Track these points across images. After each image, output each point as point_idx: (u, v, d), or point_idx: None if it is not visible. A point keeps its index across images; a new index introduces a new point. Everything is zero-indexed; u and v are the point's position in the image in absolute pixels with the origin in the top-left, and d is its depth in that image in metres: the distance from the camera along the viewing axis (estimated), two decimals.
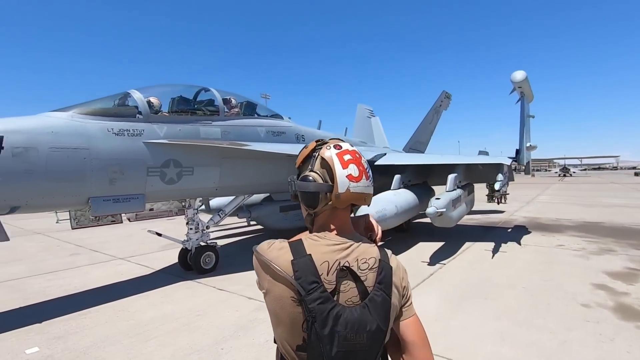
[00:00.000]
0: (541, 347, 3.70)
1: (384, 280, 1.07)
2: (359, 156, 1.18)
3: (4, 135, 4.30)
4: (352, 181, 1.14)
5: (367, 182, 1.18)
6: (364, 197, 1.18)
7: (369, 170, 1.21)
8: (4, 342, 4.14)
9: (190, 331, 4.30)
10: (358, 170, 1.15)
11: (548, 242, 8.78)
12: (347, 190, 1.13)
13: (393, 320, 1.11)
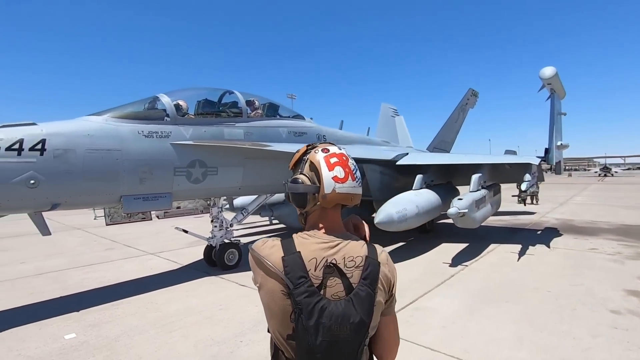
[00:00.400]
0: (562, 353, 3.60)
1: (369, 277, 1.14)
2: (345, 159, 1.25)
3: (46, 138, 4.69)
4: (337, 182, 1.21)
5: (354, 182, 1.24)
6: (351, 197, 1.25)
7: (357, 171, 1.27)
8: (47, 328, 4.53)
9: (212, 324, 4.51)
10: (344, 172, 1.22)
11: (580, 246, 8.40)
12: (333, 190, 1.21)
13: (379, 314, 1.17)
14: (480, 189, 8.25)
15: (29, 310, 5.21)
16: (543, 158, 8.90)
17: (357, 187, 1.26)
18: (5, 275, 7.17)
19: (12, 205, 4.58)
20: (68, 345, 4.04)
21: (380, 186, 9.22)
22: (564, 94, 9.79)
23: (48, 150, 4.68)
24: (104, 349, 3.92)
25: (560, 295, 5.23)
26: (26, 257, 8.90)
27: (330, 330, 1.05)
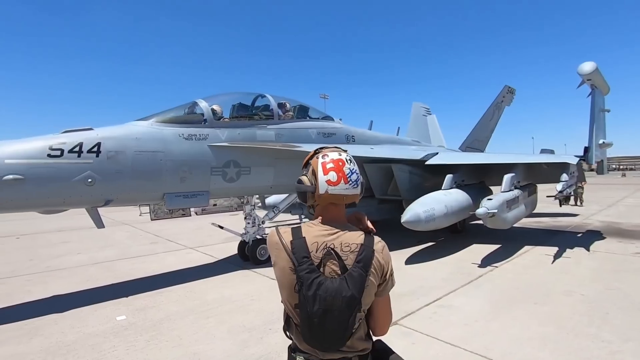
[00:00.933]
0: (587, 355, 3.56)
1: (362, 260, 1.35)
2: (342, 164, 1.45)
3: (101, 142, 5.28)
4: (330, 185, 1.42)
5: (346, 185, 1.44)
6: (343, 197, 1.46)
7: (352, 174, 1.46)
8: (102, 310, 5.11)
9: (244, 312, 4.86)
10: (337, 176, 1.43)
11: (623, 249, 7.96)
12: (326, 192, 1.43)
13: (372, 294, 1.38)
14: (513, 189, 8.06)
15: (86, 294, 5.86)
16: (582, 157, 8.50)
17: (350, 189, 1.45)
18: (65, 265, 8.02)
19: (74, 201, 5.21)
20: (119, 326, 4.56)
21: (410, 186, 9.24)
22: (607, 90, 9.28)
23: (103, 152, 5.26)
24: (149, 330, 4.38)
25: (594, 298, 5.08)
26: (82, 248, 9.85)
27: (325, 300, 1.28)
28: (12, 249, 10.02)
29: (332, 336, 1.32)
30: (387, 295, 1.48)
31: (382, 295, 1.45)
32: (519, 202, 8.05)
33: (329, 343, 1.34)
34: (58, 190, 4.95)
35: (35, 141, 4.87)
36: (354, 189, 1.47)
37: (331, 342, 1.34)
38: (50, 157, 4.86)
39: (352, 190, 1.47)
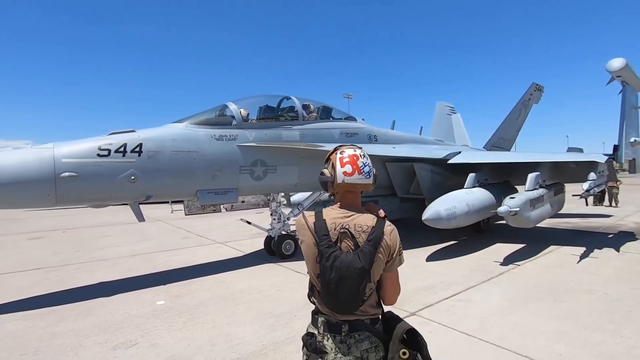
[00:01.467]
0: (603, 348, 3.63)
1: (372, 239, 1.62)
2: (356, 158, 1.72)
3: (142, 142, 5.80)
4: (346, 176, 1.71)
5: (360, 176, 1.72)
6: (357, 186, 1.73)
7: (365, 167, 1.73)
8: (143, 295, 5.61)
9: (271, 301, 5.22)
10: (352, 168, 1.71)
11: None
12: (343, 181, 1.72)
13: (381, 268, 1.65)
14: (538, 187, 7.99)
15: (128, 282, 6.42)
16: (612, 156, 8.28)
17: (363, 178, 1.73)
18: (108, 256, 8.71)
19: (119, 196, 5.77)
20: (159, 309, 5.02)
21: (432, 185, 9.33)
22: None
23: (144, 152, 5.78)
24: (186, 314, 4.81)
25: (617, 297, 5.06)
26: (121, 242, 10.61)
27: (340, 270, 1.56)
28: (60, 242, 10.92)
29: (345, 301, 1.60)
30: (395, 271, 1.74)
31: (390, 270, 1.71)
32: (543, 201, 7.97)
33: (344, 306, 1.61)
34: (106, 186, 5.51)
35: (86, 142, 5.45)
36: (367, 179, 1.75)
37: (345, 306, 1.61)
38: (99, 156, 5.42)
39: (365, 180, 1.74)
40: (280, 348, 3.78)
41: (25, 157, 4.95)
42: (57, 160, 5.08)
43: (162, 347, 3.89)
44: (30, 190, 4.92)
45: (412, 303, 4.94)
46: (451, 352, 3.64)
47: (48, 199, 5.12)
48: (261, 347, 3.81)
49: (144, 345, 3.93)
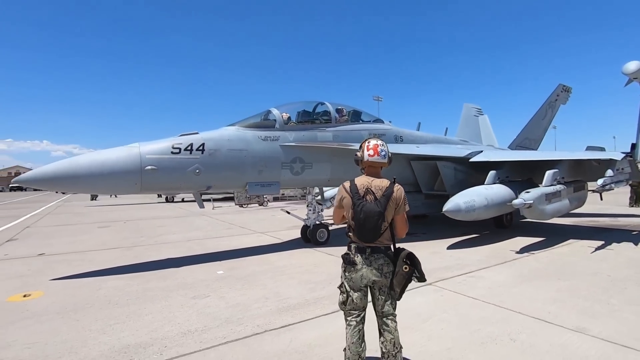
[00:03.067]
0: (587, 311, 4.33)
1: (385, 195, 2.59)
2: (376, 146, 2.71)
3: (205, 142, 7.06)
4: (369, 157, 2.71)
5: (378, 157, 2.71)
6: (378, 163, 2.73)
7: (382, 152, 2.71)
8: (205, 267, 6.84)
9: (310, 273, 6.26)
10: (373, 152, 2.71)
11: None
12: (367, 160, 2.73)
13: (393, 212, 2.63)
14: (556, 184, 8.52)
15: (190, 258, 7.69)
16: (629, 154, 8.64)
17: (380, 159, 2.72)
18: (168, 240, 10.14)
19: (186, 186, 7.06)
20: (220, 276, 6.21)
21: (455, 182, 10.03)
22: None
23: (206, 150, 7.03)
24: (241, 280, 5.95)
25: (619, 279, 5.64)
26: (175, 231, 12.10)
27: (365, 212, 2.55)
28: (125, 230, 12.61)
29: (369, 233, 2.59)
30: (402, 214, 2.70)
31: (399, 213, 2.69)
32: (561, 197, 8.48)
33: (368, 237, 2.60)
34: (178, 178, 6.80)
35: (163, 142, 6.76)
36: (383, 159, 2.74)
37: (369, 237, 2.60)
38: (173, 153, 6.72)
39: (382, 160, 2.74)
40: (319, 302, 4.79)
41: (120, 154, 6.31)
42: (143, 156, 6.42)
43: (228, 299, 5.02)
44: (124, 179, 6.28)
45: (429, 277, 5.68)
46: (456, 309, 4.49)
47: (135, 186, 6.47)
48: (304, 301, 4.84)
49: (215, 297, 5.08)
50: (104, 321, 4.28)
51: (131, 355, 3.42)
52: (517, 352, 3.36)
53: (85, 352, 3.51)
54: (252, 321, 4.18)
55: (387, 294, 2.69)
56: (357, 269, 2.65)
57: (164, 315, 4.44)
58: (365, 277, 2.64)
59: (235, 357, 3.37)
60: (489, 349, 3.43)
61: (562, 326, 3.90)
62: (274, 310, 4.52)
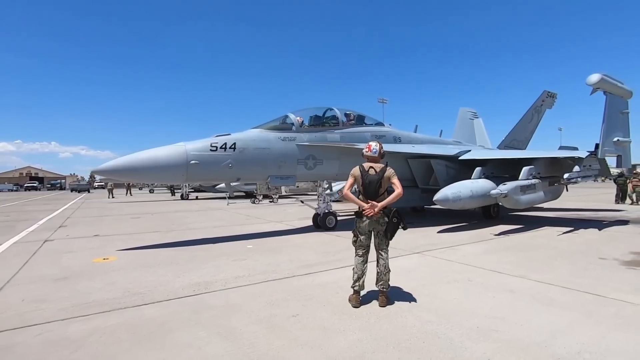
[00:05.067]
0: (532, 267, 5.79)
1: (380, 172, 4.16)
2: (370, 146, 4.30)
3: (236, 142, 8.61)
4: (366, 152, 4.32)
5: (370, 152, 4.30)
6: (370, 156, 4.31)
7: (374, 149, 4.30)
8: (236, 243, 8.39)
9: (322, 246, 7.77)
10: (368, 149, 4.30)
11: (632, 230, 9.43)
12: (365, 154, 4.33)
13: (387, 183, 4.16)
14: (531, 178, 9.95)
15: (221, 239, 9.21)
16: (593, 152, 10.02)
17: (372, 154, 4.31)
18: (197, 227, 11.69)
19: (221, 178, 8.65)
20: (250, 249, 7.74)
21: (447, 178, 11.47)
22: (629, 94, 10.62)
23: (237, 148, 8.58)
24: (268, 251, 7.46)
25: (571, 251, 7.06)
26: (201, 221, 13.68)
27: (369, 179, 4.13)
28: (156, 220, 14.21)
29: (372, 193, 4.13)
30: (395, 180, 4.22)
31: (392, 180, 4.22)
32: (535, 189, 9.91)
33: (371, 195, 4.14)
34: (214, 170, 8.36)
35: (203, 141, 8.32)
36: (374, 154, 4.30)
37: (371, 194, 4.14)
38: (211, 150, 8.27)
39: (373, 154, 4.31)
40: (330, 262, 6.30)
41: (171, 151, 7.88)
42: (188, 153, 7.97)
43: (261, 261, 6.54)
44: (174, 171, 7.84)
45: (419, 248, 7.28)
46: (433, 266, 5.98)
47: (182, 177, 8.05)
48: (319, 262, 6.35)
49: (250, 260, 6.62)
50: (173, 272, 5.83)
51: (204, 286, 4.97)
52: (472, 286, 4.85)
53: (171, 285, 5.06)
54: (283, 272, 5.71)
55: (382, 236, 4.21)
56: (363, 220, 4.18)
57: (216, 269, 5.99)
58: (369, 225, 4.17)
59: (274, 288, 4.89)
60: (452, 285, 4.91)
61: (509, 274, 5.38)
62: (297, 267, 6.04)
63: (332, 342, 3.22)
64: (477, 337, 3.29)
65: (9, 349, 3.19)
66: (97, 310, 4.11)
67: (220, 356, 3.02)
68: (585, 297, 4.36)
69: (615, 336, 3.28)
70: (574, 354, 2.96)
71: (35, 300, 4.50)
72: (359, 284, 4.19)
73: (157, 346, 3.21)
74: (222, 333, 3.46)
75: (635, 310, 3.91)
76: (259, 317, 3.83)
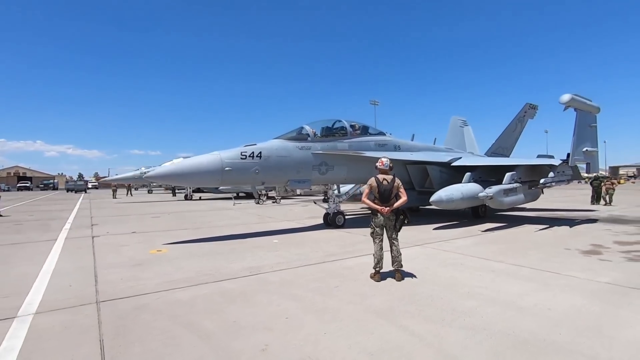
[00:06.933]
0: (510, 255, 7.30)
1: (392, 182, 5.60)
2: (381, 161, 5.77)
3: (262, 151, 9.98)
4: (380, 166, 5.77)
5: (383, 166, 5.76)
6: (383, 169, 5.76)
7: (385, 164, 5.76)
8: (263, 238, 9.75)
9: (338, 240, 9.18)
10: (381, 164, 5.76)
11: (600, 228, 11.04)
12: (379, 167, 5.78)
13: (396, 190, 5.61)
14: (513, 182, 11.55)
15: (246, 235, 10.56)
16: (565, 160, 11.68)
17: (384, 168, 5.77)
18: (218, 225, 12.99)
19: (249, 182, 10.01)
20: (277, 243, 9.12)
21: (440, 181, 13.02)
22: (596, 110, 12.31)
23: (263, 156, 9.96)
24: (293, 244, 8.85)
25: (543, 244, 8.62)
26: (220, 219, 14.96)
27: (384, 187, 5.57)
28: (175, 219, 15.43)
29: (386, 198, 5.57)
30: (402, 189, 5.69)
31: (399, 189, 5.68)
32: (517, 192, 11.51)
33: (385, 200, 5.58)
34: (244, 176, 9.72)
35: (234, 150, 9.67)
36: (386, 167, 5.77)
37: (386, 200, 5.58)
38: (241, 158, 9.64)
39: (386, 168, 5.77)
40: (348, 252, 7.73)
41: (210, 159, 9.22)
42: (223, 160, 9.32)
43: (292, 252, 7.91)
44: (211, 176, 9.19)
45: (419, 242, 8.77)
46: (432, 255, 7.47)
47: (217, 181, 9.41)
48: (340, 252, 7.77)
49: (282, 251, 7.99)
50: (223, 260, 7.18)
51: (256, 269, 6.35)
52: (463, 268, 6.32)
53: (230, 269, 6.43)
54: (314, 259, 7.12)
55: (392, 229, 5.67)
56: (378, 217, 5.62)
57: (257, 257, 7.36)
58: (382, 220, 5.61)
59: (312, 270, 6.31)
60: (448, 267, 6.39)
61: (492, 260, 6.88)
62: (323, 256, 7.46)
63: (369, 301, 4.66)
64: (468, 297, 4.76)
65: (144, 306, 4.55)
66: (185, 284, 5.47)
67: (293, 308, 4.42)
68: (547, 274, 5.88)
69: (562, 296, 4.78)
70: (532, 305, 4.44)
71: (130, 279, 5.83)
72: (379, 266, 5.63)
73: (246, 304, 4.60)
74: (288, 297, 4.87)
75: (579, 281, 5.44)
76: (310, 288, 5.25)
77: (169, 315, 4.24)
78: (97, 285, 5.48)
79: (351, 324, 3.94)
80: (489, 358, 3.17)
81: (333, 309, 4.38)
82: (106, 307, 4.55)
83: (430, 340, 3.53)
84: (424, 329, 3.78)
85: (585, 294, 4.83)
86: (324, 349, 3.38)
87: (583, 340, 3.47)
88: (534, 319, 3.99)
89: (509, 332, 3.66)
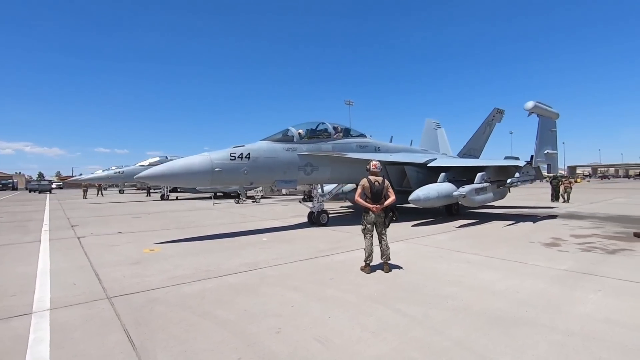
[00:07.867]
0: (482, 248, 8.11)
1: (382, 183, 6.16)
2: (374, 164, 6.31)
3: (250, 152, 10.31)
4: (373, 168, 6.33)
5: (376, 169, 6.31)
6: (375, 172, 6.31)
7: (377, 167, 6.31)
8: (253, 237, 10.09)
9: (324, 238, 9.69)
10: (373, 167, 6.32)
11: (557, 223, 12.22)
12: (370, 169, 6.34)
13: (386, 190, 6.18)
14: (483, 182, 12.52)
15: (236, 233, 10.86)
16: (529, 162, 12.82)
17: (377, 170, 6.33)
18: (204, 224, 13.15)
19: (238, 182, 10.30)
20: (267, 241, 9.49)
21: (417, 181, 13.83)
22: (556, 115, 13.54)
23: (251, 157, 10.29)
24: (284, 241, 9.26)
25: (510, 237, 9.53)
26: (205, 219, 15.05)
27: (376, 187, 6.11)
28: (160, 219, 15.35)
29: (377, 198, 6.12)
30: (391, 190, 6.26)
31: (389, 189, 6.25)
32: (487, 191, 12.49)
33: (377, 200, 6.13)
34: (233, 176, 10.02)
35: (224, 151, 9.95)
36: (378, 170, 6.33)
37: (377, 200, 6.13)
38: (230, 160, 9.93)
39: (377, 170, 6.33)
40: (338, 248, 8.26)
41: (200, 160, 9.46)
42: (213, 161, 9.59)
43: (283, 248, 8.35)
44: (202, 177, 9.43)
45: (401, 238, 9.44)
46: (414, 249, 8.15)
47: (207, 182, 9.67)
48: (329, 248, 8.29)
49: (275, 248, 8.40)
50: (220, 257, 7.51)
51: (254, 265, 6.74)
52: (442, 260, 7.02)
53: (228, 265, 6.78)
54: (306, 255, 7.60)
55: (382, 225, 6.24)
56: (370, 214, 6.18)
57: (252, 254, 7.74)
58: (373, 218, 6.18)
59: (307, 264, 6.78)
60: (429, 260, 7.06)
61: (467, 252, 7.63)
62: (314, 252, 7.95)
63: (363, 289, 5.20)
64: (448, 284, 5.41)
65: (157, 299, 4.86)
66: (189, 280, 5.79)
67: (297, 298, 4.89)
68: (514, 264, 6.67)
69: (527, 281, 5.53)
70: (503, 289, 5.15)
71: (134, 276, 6.07)
72: (370, 259, 6.19)
73: (253, 295, 5.02)
74: (290, 288, 5.32)
75: (542, 269, 6.25)
76: (308, 280, 5.73)
77: (183, 307, 4.59)
78: (102, 283, 5.69)
79: (351, 308, 4.47)
80: (470, 331, 3.79)
81: (333, 297, 4.89)
82: (119, 301, 4.82)
83: (420, 319, 4.12)
84: (415, 310, 4.37)
85: (547, 279, 5.61)
86: (331, 329, 3.88)
87: (545, 315, 4.17)
88: (505, 300, 4.68)
89: (485, 311, 4.31)
